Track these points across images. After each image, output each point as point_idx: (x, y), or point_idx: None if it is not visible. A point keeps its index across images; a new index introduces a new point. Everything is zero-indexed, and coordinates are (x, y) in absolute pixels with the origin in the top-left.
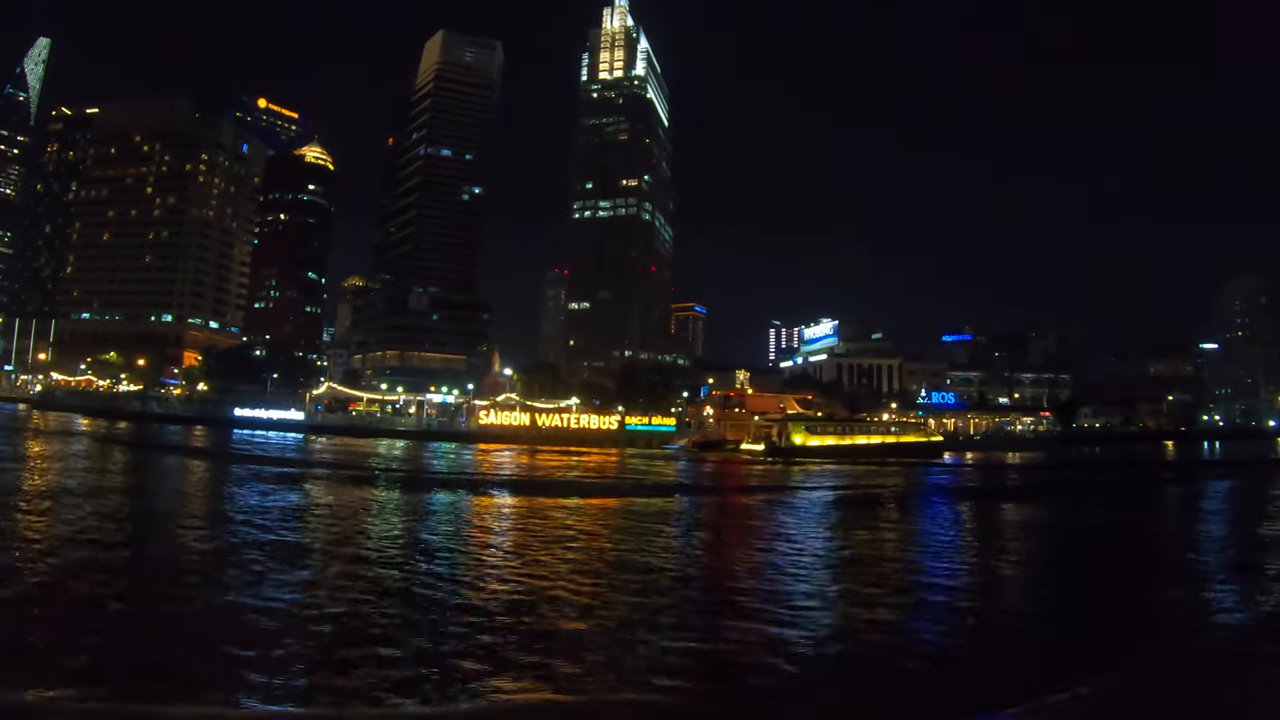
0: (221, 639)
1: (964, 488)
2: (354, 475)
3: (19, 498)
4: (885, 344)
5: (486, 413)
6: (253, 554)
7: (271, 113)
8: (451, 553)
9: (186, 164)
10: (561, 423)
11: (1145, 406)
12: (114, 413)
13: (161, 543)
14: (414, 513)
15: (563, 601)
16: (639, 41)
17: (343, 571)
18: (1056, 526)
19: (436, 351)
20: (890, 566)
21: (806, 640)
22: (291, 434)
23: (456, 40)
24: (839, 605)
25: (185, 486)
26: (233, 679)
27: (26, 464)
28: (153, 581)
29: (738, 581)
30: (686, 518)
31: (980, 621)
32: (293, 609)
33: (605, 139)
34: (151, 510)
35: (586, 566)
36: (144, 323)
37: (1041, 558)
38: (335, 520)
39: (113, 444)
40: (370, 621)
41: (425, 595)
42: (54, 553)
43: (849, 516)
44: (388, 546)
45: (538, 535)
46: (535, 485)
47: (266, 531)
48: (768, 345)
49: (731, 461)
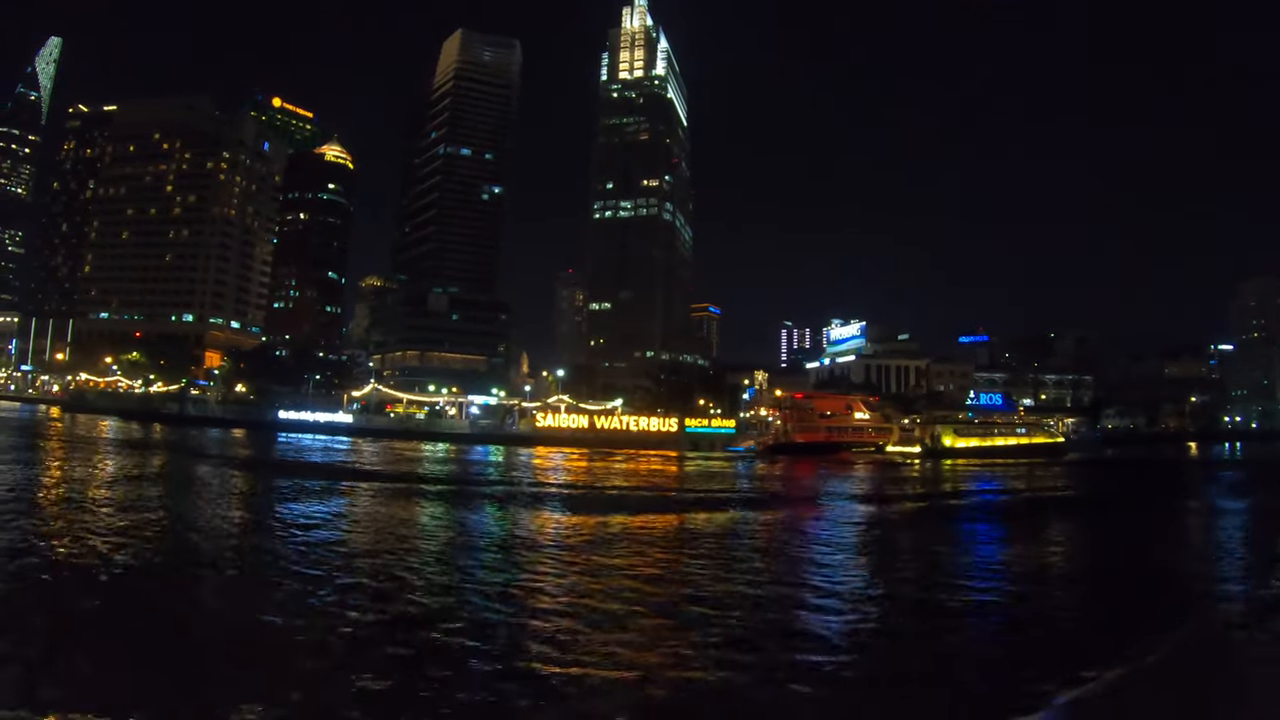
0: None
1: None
2: (489, 492)
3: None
4: (912, 345)
5: (544, 415)
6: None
7: (286, 112)
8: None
9: (207, 162)
10: (620, 425)
11: (1169, 407)
12: (149, 415)
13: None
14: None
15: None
16: (659, 41)
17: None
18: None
19: (456, 352)
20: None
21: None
22: (340, 437)
23: (475, 39)
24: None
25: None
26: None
27: (221, 506)
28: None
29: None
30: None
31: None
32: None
33: (626, 139)
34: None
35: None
36: (164, 322)
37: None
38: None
39: (199, 458)
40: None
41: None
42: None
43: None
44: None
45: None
46: (665, 502)
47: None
48: (779, 346)
49: (880, 464)
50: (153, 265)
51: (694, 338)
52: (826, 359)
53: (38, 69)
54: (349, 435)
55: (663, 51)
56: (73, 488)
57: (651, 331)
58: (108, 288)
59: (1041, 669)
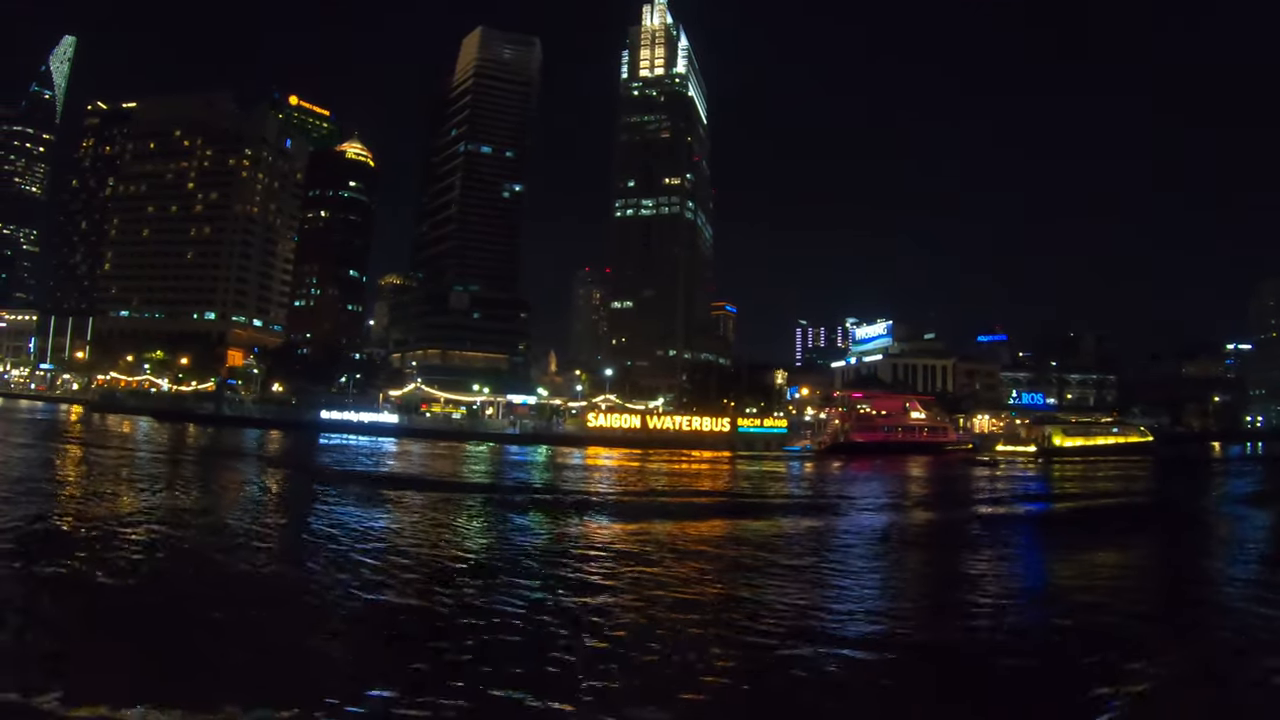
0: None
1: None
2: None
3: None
4: (938, 344)
5: (595, 415)
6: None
7: (303, 110)
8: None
9: (229, 159)
10: (673, 425)
11: (1192, 407)
12: (182, 415)
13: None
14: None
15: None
16: (679, 39)
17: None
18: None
19: (478, 350)
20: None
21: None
22: (385, 438)
23: (495, 37)
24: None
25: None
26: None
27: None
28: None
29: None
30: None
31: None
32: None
33: (647, 137)
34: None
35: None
36: (186, 320)
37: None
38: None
39: (280, 468)
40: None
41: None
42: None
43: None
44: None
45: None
46: (752, 508)
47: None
48: (794, 344)
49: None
50: (174, 263)
51: (714, 336)
52: (852, 358)
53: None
54: (394, 436)
55: (683, 49)
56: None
57: (674, 330)
58: (128, 285)
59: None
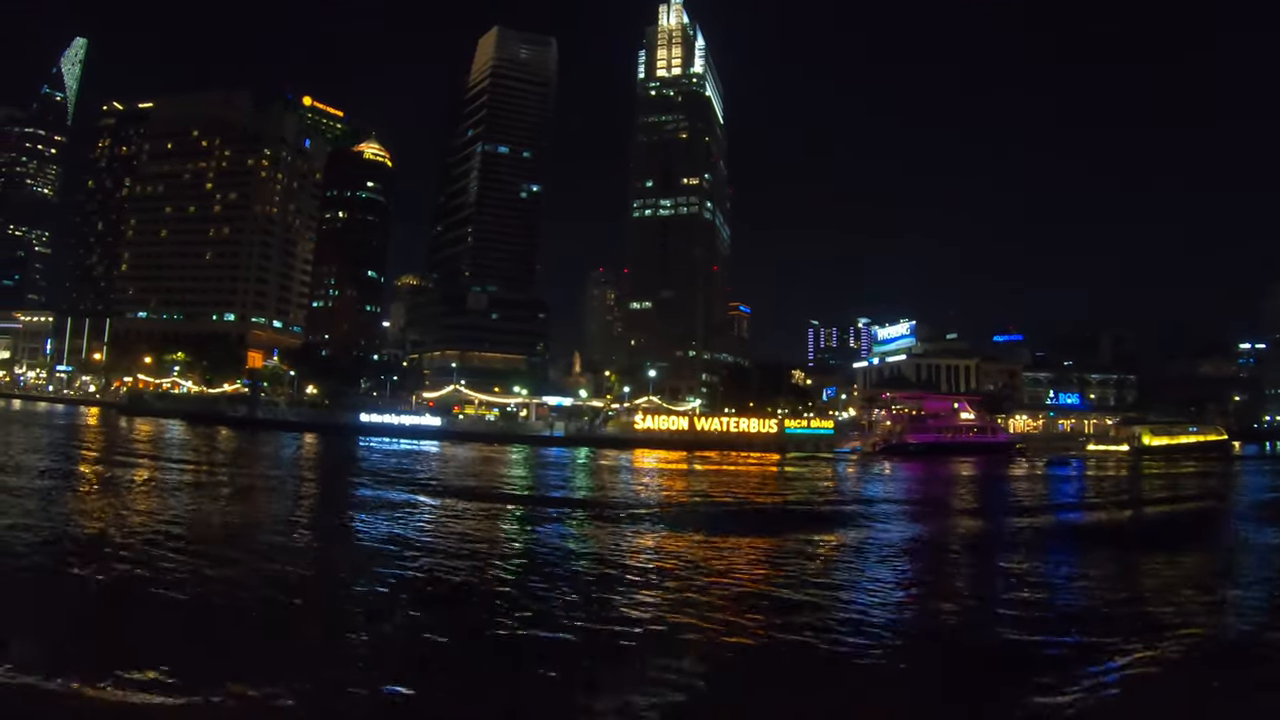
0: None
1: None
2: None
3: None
4: (961, 344)
5: (644, 417)
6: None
7: (317, 111)
8: None
9: (248, 159)
10: (721, 426)
11: (1212, 407)
12: (214, 418)
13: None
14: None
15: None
16: (696, 39)
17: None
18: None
19: (496, 351)
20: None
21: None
22: (428, 441)
23: (511, 36)
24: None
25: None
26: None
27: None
28: None
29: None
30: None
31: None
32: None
33: (665, 137)
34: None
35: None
36: (205, 322)
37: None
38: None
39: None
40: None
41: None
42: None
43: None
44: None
45: None
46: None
47: None
48: (806, 344)
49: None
50: (192, 264)
51: (731, 337)
52: (875, 358)
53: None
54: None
55: (700, 49)
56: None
57: (693, 331)
58: (145, 286)
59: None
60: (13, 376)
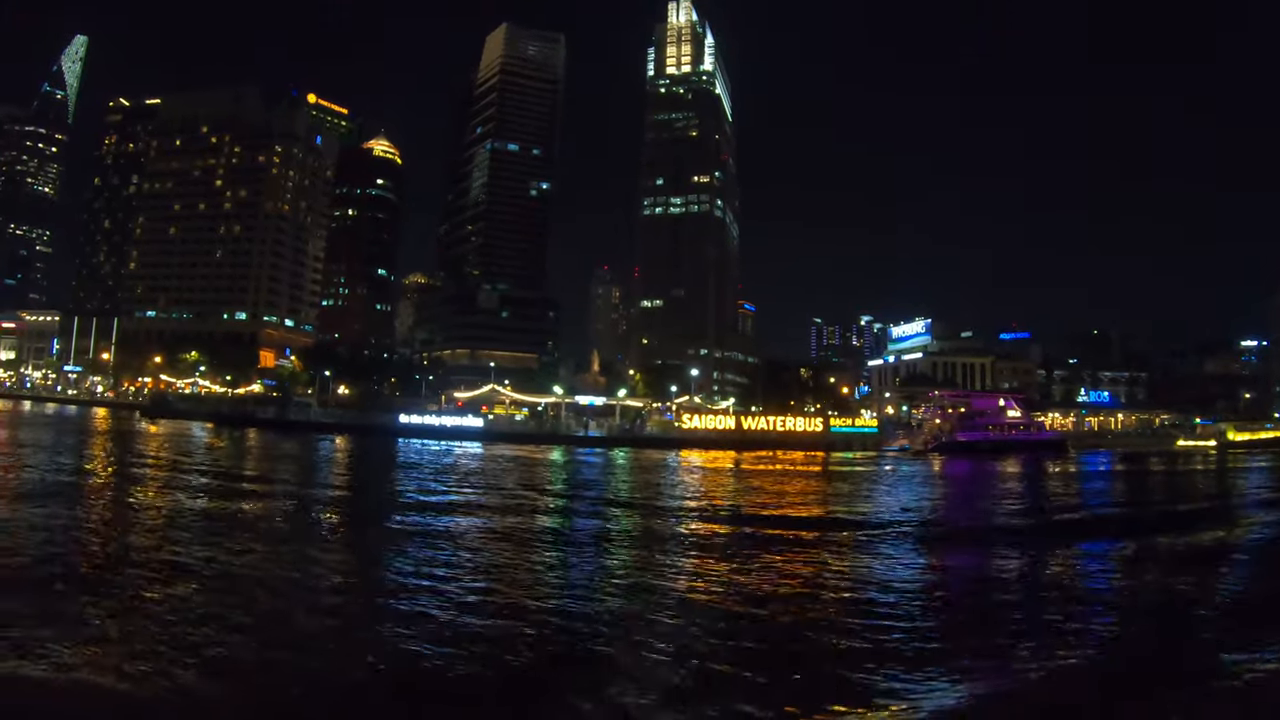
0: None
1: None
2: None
3: None
4: (977, 342)
5: (690, 417)
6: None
7: (322, 108)
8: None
9: (259, 155)
10: (768, 425)
11: (1223, 404)
12: (244, 420)
13: None
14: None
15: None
16: (705, 36)
17: None
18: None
19: (507, 350)
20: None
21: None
22: (471, 442)
23: (520, 33)
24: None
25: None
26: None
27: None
28: None
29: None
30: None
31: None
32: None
33: (675, 135)
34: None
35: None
36: (216, 321)
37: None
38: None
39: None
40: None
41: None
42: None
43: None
44: None
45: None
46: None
47: None
48: (808, 342)
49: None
50: (202, 262)
51: (741, 335)
52: (890, 356)
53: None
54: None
55: (710, 47)
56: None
57: (704, 329)
58: (154, 285)
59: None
60: (19, 377)
